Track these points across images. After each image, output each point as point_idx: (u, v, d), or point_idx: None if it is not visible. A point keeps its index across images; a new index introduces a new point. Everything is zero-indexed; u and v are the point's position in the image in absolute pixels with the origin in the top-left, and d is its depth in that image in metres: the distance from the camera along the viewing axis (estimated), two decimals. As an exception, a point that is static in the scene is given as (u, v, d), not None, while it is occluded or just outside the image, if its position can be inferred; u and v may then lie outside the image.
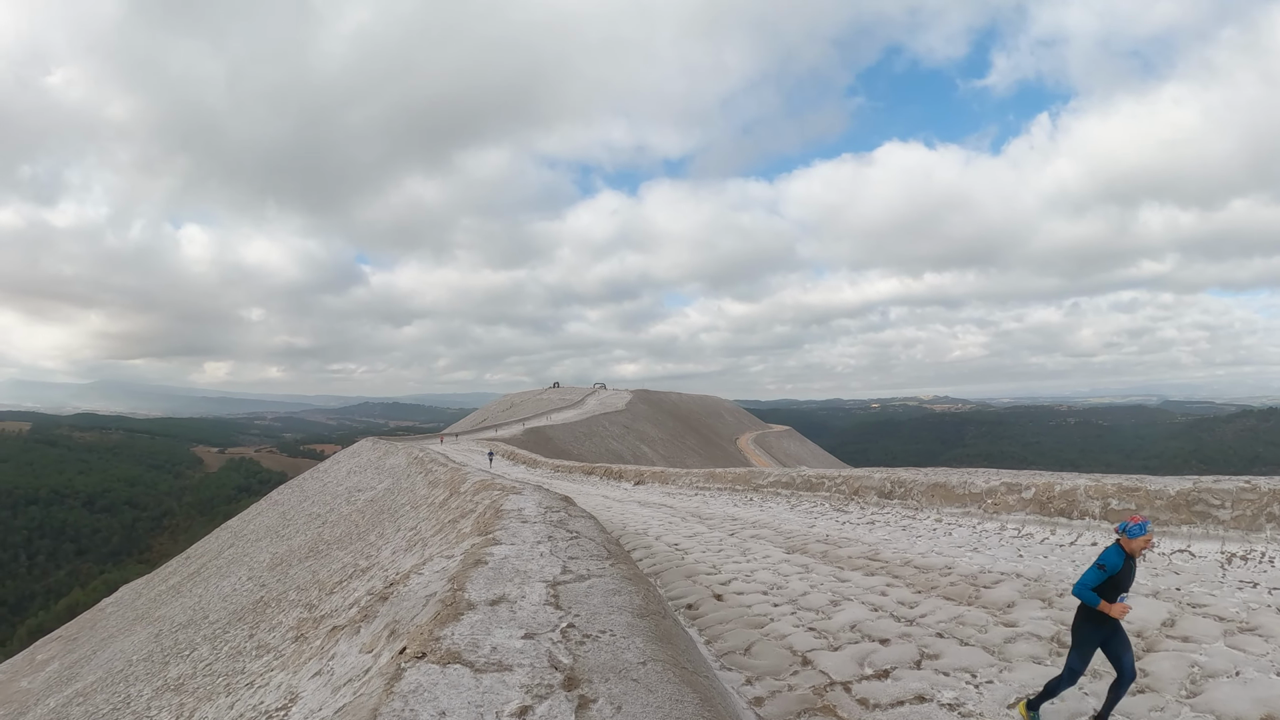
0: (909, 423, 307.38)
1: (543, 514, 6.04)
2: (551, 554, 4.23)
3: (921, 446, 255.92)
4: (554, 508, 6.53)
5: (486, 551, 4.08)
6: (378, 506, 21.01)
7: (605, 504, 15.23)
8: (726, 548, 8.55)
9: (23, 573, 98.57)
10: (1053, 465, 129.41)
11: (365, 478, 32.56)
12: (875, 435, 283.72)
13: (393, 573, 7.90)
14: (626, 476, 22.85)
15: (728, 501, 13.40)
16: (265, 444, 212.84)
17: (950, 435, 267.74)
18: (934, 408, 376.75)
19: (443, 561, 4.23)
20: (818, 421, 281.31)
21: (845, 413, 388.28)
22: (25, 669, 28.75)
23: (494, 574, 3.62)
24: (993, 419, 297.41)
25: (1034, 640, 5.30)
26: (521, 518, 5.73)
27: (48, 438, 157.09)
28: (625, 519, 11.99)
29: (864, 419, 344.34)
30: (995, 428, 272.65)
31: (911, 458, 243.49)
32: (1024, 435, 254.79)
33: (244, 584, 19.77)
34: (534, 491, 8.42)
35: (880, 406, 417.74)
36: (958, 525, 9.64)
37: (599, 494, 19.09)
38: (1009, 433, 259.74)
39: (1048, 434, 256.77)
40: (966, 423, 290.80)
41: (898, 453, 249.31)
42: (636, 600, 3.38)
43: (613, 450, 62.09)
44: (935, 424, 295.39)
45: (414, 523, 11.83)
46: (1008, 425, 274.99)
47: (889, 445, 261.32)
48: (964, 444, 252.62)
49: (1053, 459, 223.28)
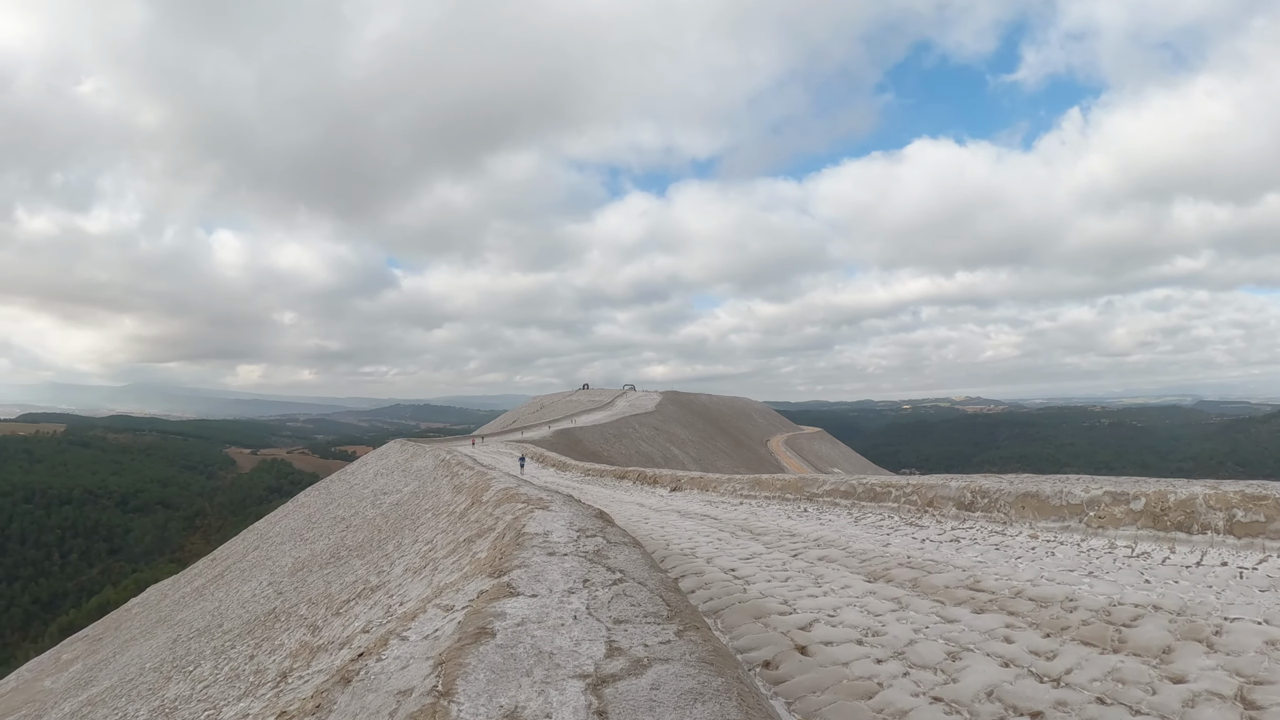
0: (941, 424, 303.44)
1: (574, 540, 4.74)
2: (589, 613, 2.90)
3: (954, 448, 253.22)
4: (588, 530, 5.21)
5: (497, 610, 2.76)
6: (401, 511, 20.28)
7: (641, 514, 13.79)
8: (794, 574, 6.99)
9: (55, 571, 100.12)
10: (1087, 468, 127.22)
11: (392, 480, 31.99)
12: (907, 437, 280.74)
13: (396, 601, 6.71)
14: (662, 482, 21.21)
15: (779, 513, 11.78)
16: (297, 445, 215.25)
17: (983, 437, 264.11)
18: (966, 409, 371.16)
19: (438, 619, 2.94)
20: (849, 423, 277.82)
21: (876, 414, 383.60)
22: (50, 668, 28.47)
23: (503, 661, 2.26)
24: (1025, 420, 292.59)
25: (1218, 703, 3.91)
26: (548, 546, 4.43)
27: (82, 439, 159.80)
28: (667, 534, 10.45)
29: (895, 420, 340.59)
30: (1028, 429, 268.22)
31: (944, 460, 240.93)
32: (1057, 437, 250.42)
33: (263, 589, 18.97)
34: (564, 505, 7.07)
35: (912, 408, 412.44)
36: (1058, 543, 8.17)
37: (633, 501, 17.64)
38: (1042, 434, 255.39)
39: (1081, 435, 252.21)
40: (999, 424, 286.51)
41: (930, 454, 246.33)
42: (732, 713, 2.03)
43: (643, 452, 60.87)
44: (968, 425, 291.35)
45: (431, 534, 10.66)
46: (1041, 427, 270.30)
47: (921, 447, 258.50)
48: (997, 446, 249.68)
49: (1087, 461, 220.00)
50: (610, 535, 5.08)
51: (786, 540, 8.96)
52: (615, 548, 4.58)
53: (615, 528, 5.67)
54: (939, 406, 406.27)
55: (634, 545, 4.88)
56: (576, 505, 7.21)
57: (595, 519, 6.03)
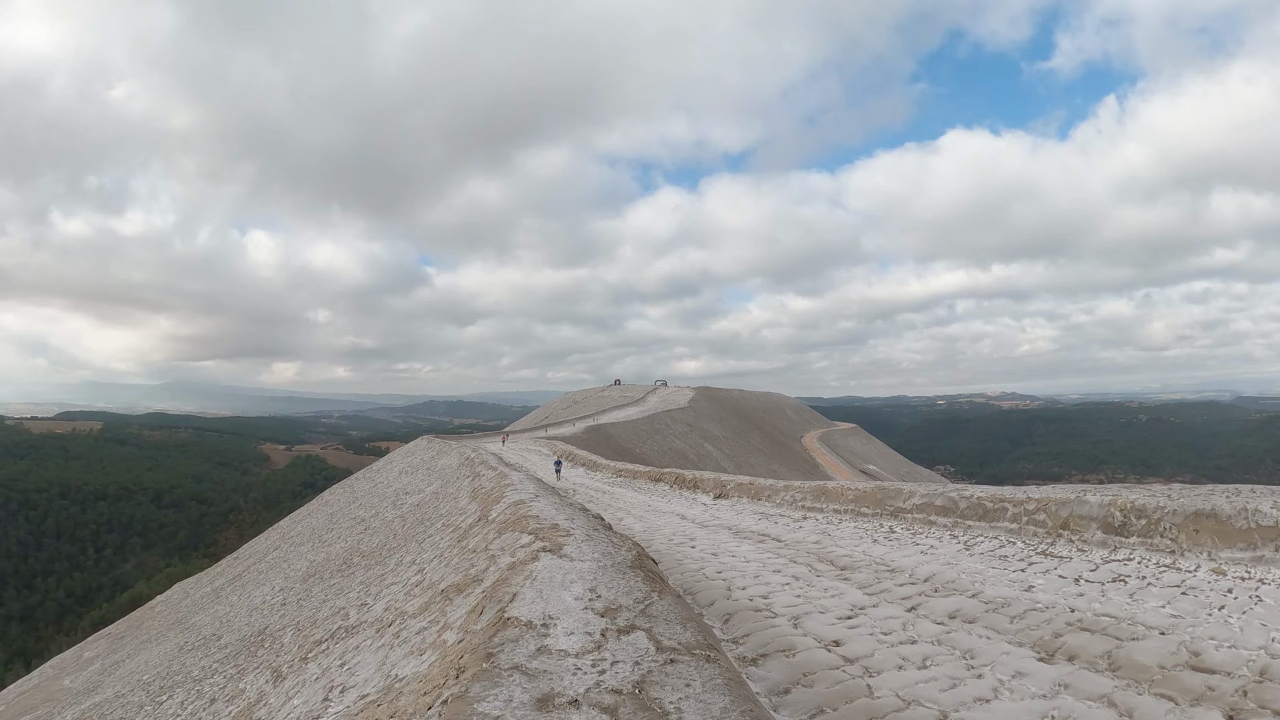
0: (976, 420, 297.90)
1: (593, 648, 2.76)
2: None
3: (989, 444, 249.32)
4: (621, 611, 3.11)
5: None
6: (419, 514, 18.97)
7: (684, 532, 11.69)
8: (929, 648, 4.75)
9: (90, 565, 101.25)
10: (1124, 465, 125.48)
11: (415, 479, 30.85)
12: (942, 433, 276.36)
13: (343, 677, 4.95)
14: (704, 487, 18.43)
15: (858, 533, 9.54)
16: (331, 441, 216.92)
17: (1019, 433, 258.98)
18: (1001, 404, 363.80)
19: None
20: (883, 419, 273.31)
21: (910, 409, 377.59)
22: (72, 666, 27.95)
23: None
24: (1062, 416, 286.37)
25: None
26: (540, 674, 2.45)
27: (118, 436, 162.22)
28: (724, 569, 8.23)
29: (930, 416, 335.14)
30: (1064, 425, 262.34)
31: (979, 457, 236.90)
32: (1094, 433, 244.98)
33: (274, 595, 18.28)
34: (586, 543, 4.89)
35: (946, 403, 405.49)
36: (1259, 581, 6.12)
37: (672, 511, 15.41)
38: (1079, 430, 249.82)
39: (1118, 432, 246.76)
40: (1035, 420, 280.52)
41: (965, 451, 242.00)
42: None
43: (675, 449, 59.02)
44: (1003, 421, 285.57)
45: (432, 553, 8.95)
46: (1077, 423, 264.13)
47: (956, 443, 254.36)
48: (1033, 442, 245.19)
49: (1124, 458, 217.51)
50: (662, 631, 3.03)
51: (888, 580, 6.86)
52: (676, 670, 2.59)
53: (668, 599, 3.56)
54: (974, 402, 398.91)
55: (714, 675, 2.79)
56: (604, 544, 5.06)
57: (632, 578, 3.81)
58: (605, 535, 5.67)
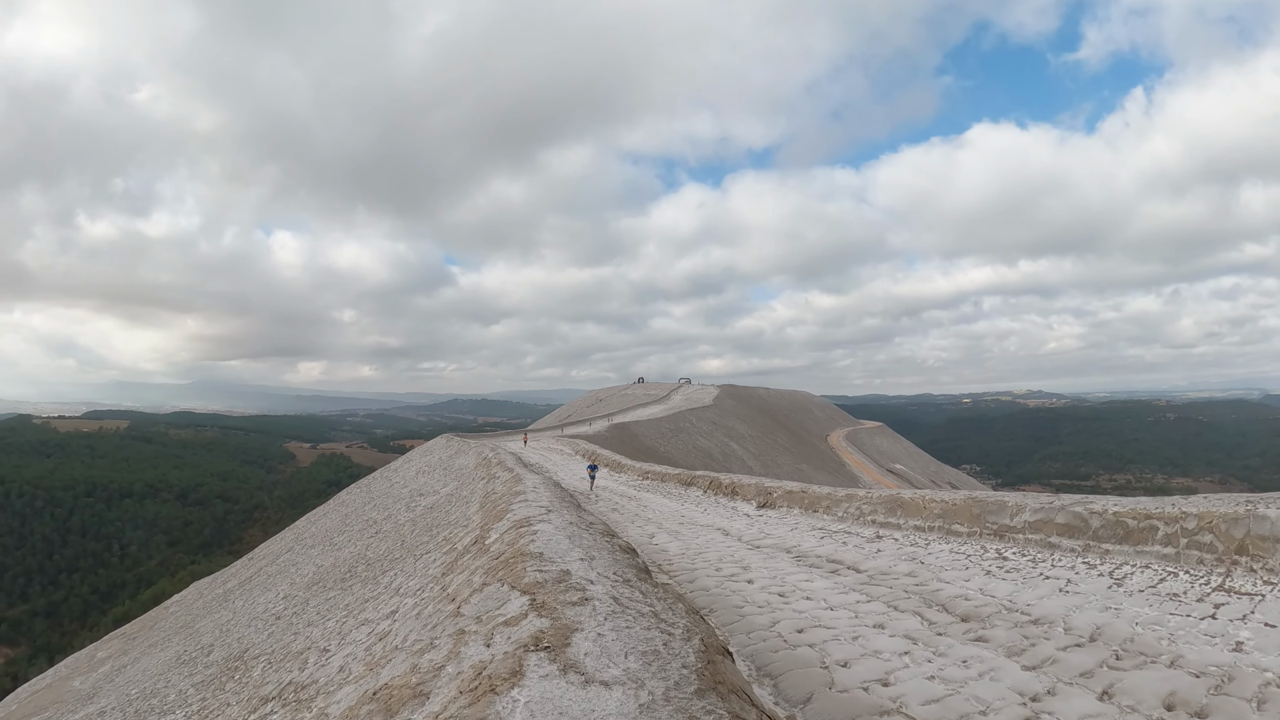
0: (1002, 419, 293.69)
1: None
2: None
3: (1016, 443, 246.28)
4: None
5: None
6: (429, 519, 17.81)
7: (733, 556, 9.91)
8: None
9: (114, 562, 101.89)
10: (1153, 464, 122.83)
11: (432, 479, 29.69)
12: (967, 431, 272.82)
13: None
14: (744, 494, 16.25)
15: (957, 558, 7.87)
16: (356, 440, 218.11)
17: (1045, 432, 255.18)
18: (1027, 403, 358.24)
19: None
20: (907, 418, 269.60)
21: (935, 408, 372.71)
22: (84, 667, 27.19)
23: None
24: (1089, 415, 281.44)
25: None
26: None
27: (144, 435, 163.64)
28: (803, 622, 6.14)
29: (955, 414, 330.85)
30: (1091, 424, 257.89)
31: (1005, 455, 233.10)
32: (1121, 432, 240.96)
33: (275, 604, 17.55)
34: (608, 651, 3.05)
35: (971, 401, 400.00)
36: None
37: (712, 524, 13.54)
38: (1106, 429, 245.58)
39: (1146, 431, 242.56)
40: (1062, 418, 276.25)
41: (991, 450, 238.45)
42: None
43: (700, 448, 57.28)
44: (1029, 420, 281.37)
45: (418, 582, 7.44)
46: (1105, 421, 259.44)
47: (982, 442, 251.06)
48: (1060, 441, 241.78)
49: (1152, 458, 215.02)
50: None
51: (1041, 640, 4.87)
52: None
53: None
54: (999, 400, 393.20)
55: None
56: (644, 629, 3.09)
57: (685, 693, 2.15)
58: (643, 598, 3.71)
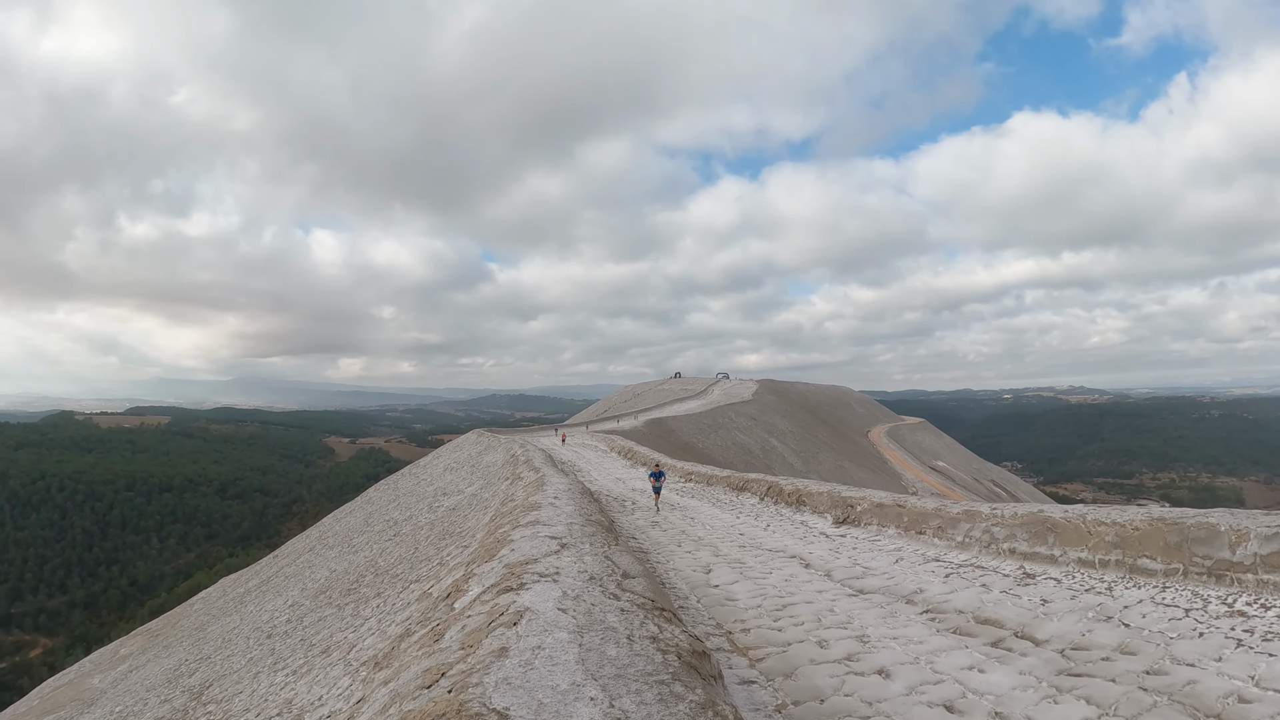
0: (1044, 415, 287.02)
1: None
2: None
3: (1057, 440, 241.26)
4: None
5: None
6: (446, 524, 16.56)
7: (836, 613, 7.17)
8: None
9: (153, 555, 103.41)
10: (1197, 462, 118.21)
11: (458, 477, 28.48)
12: (1008, 428, 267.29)
13: None
14: (815, 504, 13.11)
15: (1174, 614, 5.65)
16: (395, 435, 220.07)
17: (1087, 429, 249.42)
18: (1069, 399, 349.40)
19: None
20: (948, 413, 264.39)
21: (976, 404, 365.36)
22: (106, 663, 26.96)
23: None
24: (1132, 411, 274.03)
25: None
26: None
27: (185, 430, 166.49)
28: None
29: (996, 410, 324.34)
30: (1135, 420, 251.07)
31: (1047, 452, 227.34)
32: (1165, 429, 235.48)
33: (281, 612, 16.88)
34: None
35: (1013, 397, 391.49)
36: None
37: (786, 552, 10.59)
38: (1149, 426, 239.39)
39: (1190, 428, 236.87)
40: (1104, 415, 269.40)
41: (1033, 447, 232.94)
42: None
43: (740, 444, 55.44)
44: (1071, 416, 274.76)
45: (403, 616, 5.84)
46: (1148, 418, 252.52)
47: (1023, 439, 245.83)
48: (1102, 438, 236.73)
49: (1197, 455, 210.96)
50: None
51: None
52: None
53: None
54: (1041, 396, 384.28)
55: None
56: None
57: None
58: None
